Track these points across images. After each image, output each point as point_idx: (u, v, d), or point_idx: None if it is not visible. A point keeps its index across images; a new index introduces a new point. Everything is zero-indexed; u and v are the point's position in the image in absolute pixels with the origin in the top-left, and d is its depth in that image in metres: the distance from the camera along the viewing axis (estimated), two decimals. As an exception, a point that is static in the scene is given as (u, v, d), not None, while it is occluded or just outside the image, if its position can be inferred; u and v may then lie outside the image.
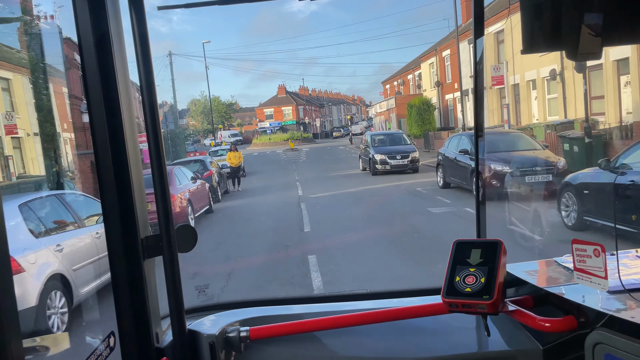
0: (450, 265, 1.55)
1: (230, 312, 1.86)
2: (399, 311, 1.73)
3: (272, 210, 14.67)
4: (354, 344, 1.77)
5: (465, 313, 1.51)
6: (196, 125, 77.55)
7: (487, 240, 1.57)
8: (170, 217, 1.52)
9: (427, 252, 8.55)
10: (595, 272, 1.40)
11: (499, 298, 1.43)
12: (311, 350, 1.76)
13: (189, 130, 69.99)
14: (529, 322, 1.51)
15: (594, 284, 1.41)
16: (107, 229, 1.48)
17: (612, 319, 1.36)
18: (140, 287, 1.51)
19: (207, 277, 8.21)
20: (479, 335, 1.80)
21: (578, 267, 1.46)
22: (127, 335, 1.51)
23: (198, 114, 75.86)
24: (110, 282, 1.52)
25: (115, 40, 1.44)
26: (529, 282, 1.71)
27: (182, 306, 1.57)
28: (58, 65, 9.81)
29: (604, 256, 1.39)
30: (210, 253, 9.79)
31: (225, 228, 13.12)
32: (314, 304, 1.97)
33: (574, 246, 1.46)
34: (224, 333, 1.70)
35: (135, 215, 1.48)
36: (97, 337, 1.70)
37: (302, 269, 8.17)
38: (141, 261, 1.50)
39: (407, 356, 1.73)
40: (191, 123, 77.55)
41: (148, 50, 1.47)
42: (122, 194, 1.48)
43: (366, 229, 11.25)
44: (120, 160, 1.47)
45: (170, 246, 1.52)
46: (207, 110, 73.17)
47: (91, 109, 1.44)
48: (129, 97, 1.51)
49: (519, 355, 1.71)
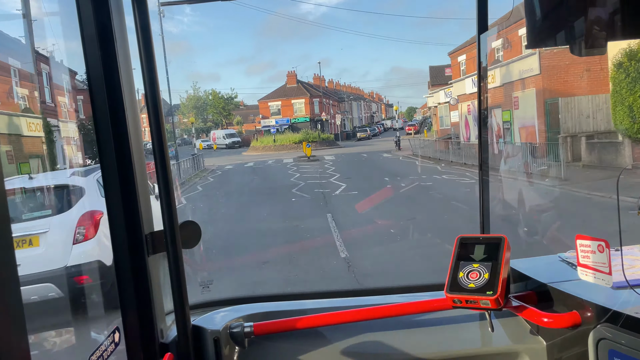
0: (453, 261, 1.55)
1: (234, 308, 1.86)
2: (403, 307, 1.73)
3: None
4: (358, 340, 1.78)
5: (468, 309, 1.51)
6: (187, 123, 65.38)
7: (491, 236, 1.57)
8: (174, 213, 1.52)
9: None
10: (599, 267, 1.40)
11: (502, 294, 1.43)
12: (315, 346, 1.77)
13: (172, 128, 60.27)
14: (533, 318, 1.51)
15: (597, 279, 1.41)
16: (111, 225, 1.49)
17: (616, 314, 1.35)
18: (145, 283, 1.52)
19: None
20: (483, 330, 1.80)
21: (582, 262, 1.45)
22: (132, 330, 1.52)
23: (190, 110, 65.11)
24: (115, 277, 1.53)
25: (118, 36, 1.44)
26: (533, 278, 1.71)
27: (186, 302, 1.58)
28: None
29: (608, 252, 1.38)
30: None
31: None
32: (317, 300, 1.97)
33: (578, 242, 1.45)
34: (228, 329, 1.71)
35: (139, 212, 1.49)
36: (102, 332, 1.70)
37: None
38: (145, 257, 1.51)
39: (411, 351, 1.74)
40: (183, 121, 66.73)
41: (151, 46, 1.47)
42: (126, 191, 1.48)
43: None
44: (124, 157, 1.47)
45: (174, 242, 1.52)
46: (200, 105, 61.25)
47: (95, 106, 1.45)
48: (132, 93, 1.51)
49: (522, 350, 1.70)
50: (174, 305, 1.57)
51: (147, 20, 1.46)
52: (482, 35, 1.87)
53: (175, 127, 62.24)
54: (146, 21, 1.46)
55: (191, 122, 56.61)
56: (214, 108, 64.62)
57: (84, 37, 1.42)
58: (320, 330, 1.79)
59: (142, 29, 1.46)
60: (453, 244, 1.58)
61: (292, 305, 1.91)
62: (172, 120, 65.64)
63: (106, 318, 5.00)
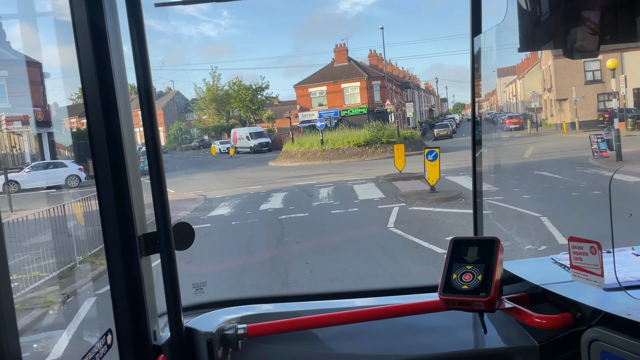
0: (447, 262, 1.55)
1: (227, 310, 1.86)
2: (396, 308, 1.73)
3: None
4: (352, 342, 1.78)
5: (462, 310, 1.51)
6: (207, 121, 51.21)
7: (484, 238, 1.57)
8: (167, 214, 1.52)
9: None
10: (592, 269, 1.41)
11: (495, 295, 1.44)
12: (308, 348, 1.77)
13: (186, 129, 51.18)
14: (526, 319, 1.52)
15: (590, 281, 1.42)
16: (104, 226, 1.48)
17: (608, 316, 1.36)
18: (138, 284, 1.51)
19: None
20: (476, 332, 1.80)
21: (574, 264, 1.46)
22: (125, 332, 1.51)
23: (207, 104, 48.74)
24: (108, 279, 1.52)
25: (112, 36, 1.43)
26: (526, 280, 1.71)
27: (179, 304, 1.57)
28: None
29: (600, 254, 1.39)
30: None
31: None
32: (311, 302, 1.97)
33: (571, 244, 1.46)
34: (221, 330, 1.70)
35: (132, 213, 1.48)
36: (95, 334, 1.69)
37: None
38: (138, 259, 1.50)
39: (405, 353, 1.74)
40: (202, 118, 52.35)
41: (145, 46, 1.46)
42: (119, 192, 1.47)
43: None
44: (117, 158, 1.46)
45: (168, 244, 1.52)
46: (222, 97, 46.76)
47: (88, 106, 1.44)
48: (125, 94, 1.50)
49: (515, 352, 1.71)
50: (167, 307, 1.56)
51: (141, 20, 1.46)
52: (476, 38, 1.88)
53: (192, 127, 53.90)
54: (140, 21, 1.46)
55: (213, 118, 44.81)
56: (239, 101, 47.23)
57: (77, 36, 1.41)
58: (314, 332, 1.79)
59: (137, 28, 1.45)
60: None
61: (285, 307, 1.91)
62: (187, 119, 55.32)
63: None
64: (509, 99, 39.58)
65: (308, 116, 43.27)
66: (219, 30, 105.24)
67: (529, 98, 29.08)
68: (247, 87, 47.20)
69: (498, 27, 1.69)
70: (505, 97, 40.42)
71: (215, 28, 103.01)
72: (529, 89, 29.18)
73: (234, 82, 47.44)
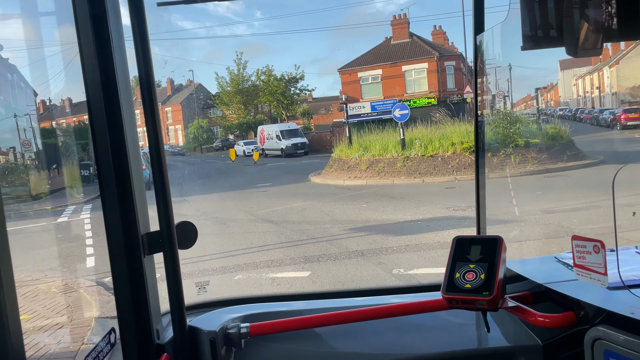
0: (450, 261, 1.55)
1: (230, 309, 1.86)
2: (399, 307, 1.73)
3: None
4: (354, 341, 1.78)
5: (465, 309, 1.51)
6: (231, 117, 44.29)
7: (487, 236, 1.57)
8: (170, 213, 1.52)
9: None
10: (595, 268, 1.41)
11: (498, 294, 1.44)
12: (311, 347, 1.77)
13: (208, 127, 42.98)
14: (529, 318, 1.52)
15: (593, 280, 1.41)
16: (107, 225, 1.48)
17: (612, 315, 1.36)
18: (141, 283, 1.51)
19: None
20: (479, 331, 1.80)
21: (578, 263, 1.46)
22: (128, 331, 1.52)
23: (231, 97, 41.73)
24: (112, 278, 1.52)
25: (114, 34, 1.43)
26: (529, 279, 1.71)
27: (182, 302, 1.57)
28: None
29: (604, 252, 1.39)
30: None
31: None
32: (314, 300, 1.97)
33: (574, 242, 1.46)
34: (224, 329, 1.71)
35: (135, 212, 1.48)
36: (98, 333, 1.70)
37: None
38: (141, 258, 1.50)
39: (407, 352, 1.74)
40: (227, 114, 45.11)
41: (147, 45, 1.46)
42: (122, 191, 1.48)
43: None
44: (120, 156, 1.46)
45: (171, 243, 1.52)
46: (249, 89, 40.30)
47: (90, 104, 1.44)
48: (128, 92, 1.50)
49: (518, 351, 1.71)
50: (170, 305, 1.56)
51: (143, 17, 1.46)
52: (479, 36, 1.88)
53: (215, 124, 47.34)
54: (142, 19, 1.46)
55: (238, 114, 36.54)
56: (269, 94, 39.71)
57: (80, 36, 1.41)
58: (317, 331, 1.79)
59: (139, 26, 1.45)
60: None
61: (288, 306, 1.91)
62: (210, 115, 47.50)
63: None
64: (582, 93, 30.43)
65: (357, 109, 31.46)
66: (252, 30, 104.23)
67: (626, 90, 22.06)
68: (279, 78, 39.57)
69: (501, 25, 1.68)
70: (573, 92, 31.80)
71: (248, 29, 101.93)
72: (627, 79, 21.57)
73: (263, 71, 39.90)
